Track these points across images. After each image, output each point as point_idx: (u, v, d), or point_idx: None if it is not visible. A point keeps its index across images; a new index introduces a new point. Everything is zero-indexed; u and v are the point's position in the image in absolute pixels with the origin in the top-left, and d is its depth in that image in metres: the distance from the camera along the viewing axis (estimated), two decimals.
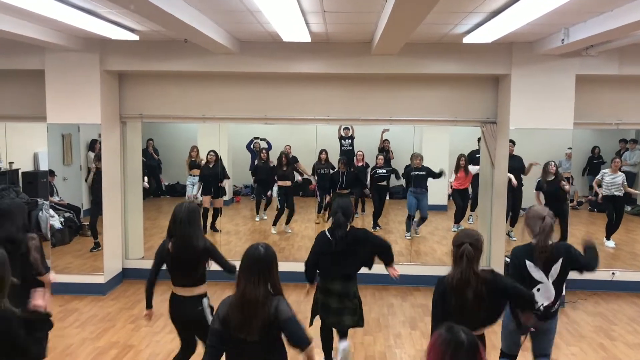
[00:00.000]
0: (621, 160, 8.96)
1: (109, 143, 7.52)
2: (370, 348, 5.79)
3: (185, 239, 4.12)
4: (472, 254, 3.38)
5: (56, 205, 8.07)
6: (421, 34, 6.36)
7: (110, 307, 6.94)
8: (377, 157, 10.07)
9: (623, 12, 4.88)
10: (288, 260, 8.28)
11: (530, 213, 4.17)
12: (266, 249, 3.13)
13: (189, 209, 4.15)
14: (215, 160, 9.31)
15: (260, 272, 3.03)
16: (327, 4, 5.03)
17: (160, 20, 5.01)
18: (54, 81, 7.19)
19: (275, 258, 3.14)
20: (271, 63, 7.22)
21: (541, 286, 4.06)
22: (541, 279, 4.06)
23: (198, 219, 4.24)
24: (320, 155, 9.82)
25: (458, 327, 2.29)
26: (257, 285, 2.99)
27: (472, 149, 9.67)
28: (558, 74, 7.03)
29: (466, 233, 3.54)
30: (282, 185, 9.95)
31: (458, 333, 2.26)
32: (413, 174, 9.30)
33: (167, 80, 7.80)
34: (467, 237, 3.46)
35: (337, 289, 4.77)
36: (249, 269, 3.05)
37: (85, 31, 6.32)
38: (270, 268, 3.08)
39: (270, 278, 3.07)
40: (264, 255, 3.09)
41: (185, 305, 4.21)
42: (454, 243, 3.50)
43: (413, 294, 7.56)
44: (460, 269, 3.39)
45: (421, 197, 9.41)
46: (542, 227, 4.01)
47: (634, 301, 7.31)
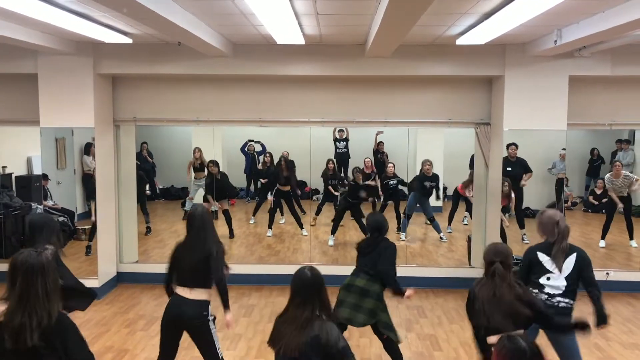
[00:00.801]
0: (621, 164, 8.95)
1: (102, 147, 7.50)
2: (366, 350, 5.78)
3: (198, 241, 4.18)
4: (503, 273, 3.52)
5: (50, 209, 8.03)
6: (414, 36, 6.37)
7: (104, 312, 6.91)
8: (386, 165, 10.00)
9: (615, 13, 4.91)
10: (284, 263, 8.28)
11: (544, 219, 4.24)
12: (311, 270, 3.18)
13: (202, 213, 4.24)
14: (218, 169, 9.37)
15: (308, 294, 3.10)
16: (320, 7, 5.03)
17: (154, 23, 5.00)
18: (47, 85, 7.16)
19: (322, 280, 3.18)
20: (265, 66, 7.22)
21: (552, 276, 4.13)
22: (553, 270, 4.13)
23: (211, 223, 4.29)
24: (328, 164, 9.81)
25: (517, 337, 2.43)
26: (302, 306, 3.06)
27: (473, 154, 9.66)
28: (551, 75, 7.06)
29: (496, 250, 3.67)
30: (281, 189, 9.91)
31: (519, 342, 2.38)
32: (426, 184, 9.26)
33: (160, 83, 7.79)
34: (497, 255, 3.59)
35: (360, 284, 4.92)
36: (298, 293, 3.13)
37: (78, 35, 6.31)
38: (320, 290, 3.14)
39: (320, 299, 3.12)
40: (310, 278, 3.14)
41: (187, 306, 4.14)
42: (485, 259, 3.65)
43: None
44: (492, 287, 3.51)
45: (423, 200, 9.40)
46: (560, 232, 4.12)
47: (628, 301, 7.33)
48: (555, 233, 4.15)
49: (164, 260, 4.16)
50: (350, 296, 4.91)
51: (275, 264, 8.29)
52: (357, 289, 4.90)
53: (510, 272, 3.58)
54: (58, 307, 2.81)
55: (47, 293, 2.73)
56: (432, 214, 9.51)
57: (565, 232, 4.14)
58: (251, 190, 11.95)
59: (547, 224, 4.20)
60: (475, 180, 8.22)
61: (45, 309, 2.70)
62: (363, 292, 4.88)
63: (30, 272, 2.72)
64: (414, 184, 9.58)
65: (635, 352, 5.78)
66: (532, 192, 8.07)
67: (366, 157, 10.41)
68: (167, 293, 4.34)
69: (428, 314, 6.84)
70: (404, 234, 9.41)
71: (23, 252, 2.82)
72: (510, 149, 7.70)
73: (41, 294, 2.71)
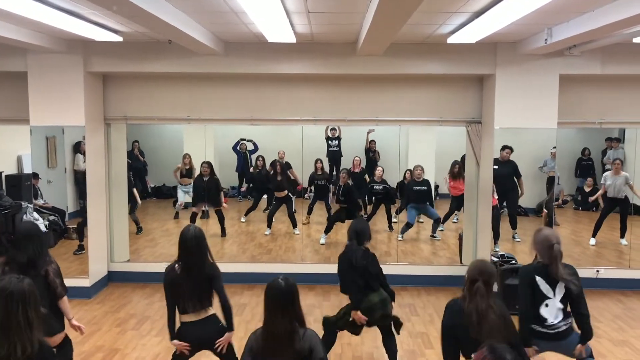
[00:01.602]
0: (621, 162, 8.99)
1: (93, 145, 7.46)
2: (357, 348, 5.79)
3: (195, 264, 4.08)
4: (484, 292, 3.47)
5: (40, 208, 7.99)
6: (406, 35, 6.38)
7: (95, 311, 6.88)
8: (375, 171, 9.95)
9: (605, 12, 4.93)
10: (276, 262, 8.28)
11: (538, 238, 4.21)
12: (286, 281, 3.14)
13: (196, 235, 4.10)
14: (210, 172, 9.23)
15: (283, 306, 3.06)
16: (312, 5, 5.03)
17: (144, 21, 4.98)
18: (37, 83, 7.11)
19: (297, 290, 3.14)
20: (256, 64, 7.21)
21: (549, 302, 4.11)
22: (548, 294, 4.11)
23: (205, 244, 4.17)
24: (316, 164, 9.79)
25: (501, 347, 2.27)
26: (281, 319, 3.03)
27: (464, 154, 9.69)
28: (542, 73, 7.09)
29: (481, 269, 3.59)
30: (278, 196, 9.78)
31: (502, 353, 2.24)
32: (415, 189, 9.25)
33: (151, 81, 7.76)
34: (482, 275, 3.53)
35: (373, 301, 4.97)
36: (272, 303, 3.09)
37: (68, 33, 6.27)
38: (293, 301, 3.10)
39: (294, 311, 3.08)
40: (285, 289, 3.10)
41: (199, 328, 4.11)
42: (469, 276, 3.58)
43: (400, 293, 7.55)
44: (474, 304, 3.46)
45: (423, 208, 9.40)
46: (553, 255, 4.07)
47: (618, 298, 7.37)
48: (548, 256, 4.11)
49: (155, 259, 4.15)
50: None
51: (267, 262, 8.29)
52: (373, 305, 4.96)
53: (492, 292, 3.53)
54: (40, 335, 2.76)
55: (29, 322, 2.69)
56: (437, 215, 9.53)
57: (558, 255, 4.08)
58: (243, 190, 11.94)
59: (540, 243, 4.17)
60: (466, 178, 8.25)
61: (27, 339, 2.66)
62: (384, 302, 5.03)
63: (10, 300, 2.68)
64: (406, 193, 9.54)
65: (625, 349, 5.82)
66: (524, 190, 8.10)
67: (355, 156, 10.41)
68: (169, 327, 4.17)
69: (420, 312, 6.86)
70: (401, 236, 9.41)
71: (4, 279, 2.79)
72: (506, 151, 7.71)
73: (23, 323, 2.67)
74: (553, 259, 4.07)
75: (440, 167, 10.30)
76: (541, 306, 4.11)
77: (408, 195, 9.46)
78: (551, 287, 4.10)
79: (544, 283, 4.11)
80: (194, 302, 4.10)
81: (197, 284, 4.07)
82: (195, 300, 4.09)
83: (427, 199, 9.42)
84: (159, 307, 6.85)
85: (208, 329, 4.12)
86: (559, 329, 4.11)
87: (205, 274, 4.09)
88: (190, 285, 4.06)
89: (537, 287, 4.12)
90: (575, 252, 8.67)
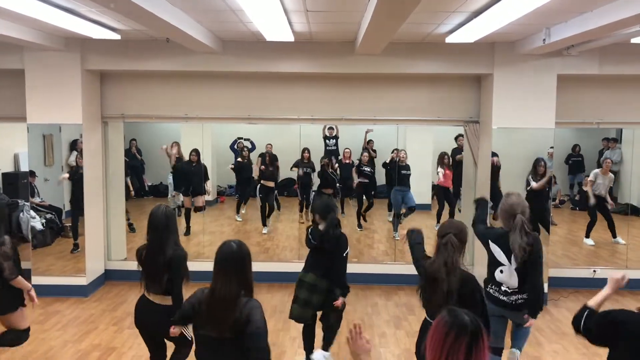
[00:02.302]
0: (612, 161, 9.04)
1: (90, 143, 7.44)
2: None
3: (159, 244, 3.98)
4: (457, 244, 3.42)
5: (37, 206, 7.97)
6: (404, 34, 6.38)
7: (92, 309, 6.87)
8: (362, 154, 10.11)
9: (603, 12, 4.94)
10: (272, 261, 8.27)
11: (504, 206, 4.20)
12: (239, 245, 3.00)
13: (166, 214, 4.01)
14: (197, 159, 9.29)
15: (233, 269, 2.93)
16: (310, 3, 5.02)
17: (142, 19, 4.96)
18: (34, 81, 7.09)
19: (249, 255, 3.02)
20: (254, 62, 7.20)
21: (504, 268, 4.17)
22: (503, 261, 4.16)
23: (175, 225, 4.09)
24: (303, 154, 9.84)
25: (460, 310, 2.16)
26: (229, 283, 2.90)
27: (454, 147, 9.78)
28: (540, 73, 7.09)
29: (451, 224, 3.57)
30: (264, 184, 9.98)
31: (461, 316, 2.12)
32: (401, 172, 9.34)
33: (149, 79, 7.74)
34: (451, 228, 3.50)
35: (309, 282, 4.97)
36: (222, 266, 2.95)
37: (65, 30, 6.25)
38: (243, 265, 2.97)
39: (243, 276, 2.96)
40: (237, 252, 2.96)
41: (154, 313, 4.04)
42: (439, 234, 3.53)
43: (397, 293, 7.58)
44: (443, 257, 3.42)
45: (406, 193, 9.47)
46: (513, 226, 4.07)
47: (615, 298, 7.32)
48: (508, 226, 4.14)
49: None
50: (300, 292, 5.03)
51: (264, 261, 8.27)
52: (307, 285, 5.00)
53: (463, 248, 3.49)
54: None
55: None
56: (414, 203, 9.54)
57: (520, 226, 4.06)
58: None
59: (505, 211, 4.18)
60: (464, 178, 8.26)
61: None
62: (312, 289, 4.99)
63: None
64: (389, 174, 9.71)
65: None
66: (521, 190, 8.10)
67: (346, 148, 10.45)
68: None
69: (417, 311, 6.87)
70: (396, 233, 9.41)
71: None
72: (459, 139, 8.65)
73: None
74: (514, 229, 4.06)
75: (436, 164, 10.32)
76: (496, 271, 4.20)
77: (392, 177, 9.52)
78: (506, 255, 4.15)
79: (497, 249, 4.18)
80: (154, 284, 4.02)
81: (159, 265, 3.96)
82: (155, 282, 4.01)
83: (409, 183, 9.48)
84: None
85: (159, 317, 3.97)
86: (512, 302, 4.17)
87: (168, 257, 3.95)
88: (152, 266, 4.00)
89: (491, 252, 4.22)
90: (571, 252, 8.69)
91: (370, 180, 10.04)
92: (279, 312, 6.68)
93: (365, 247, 9.26)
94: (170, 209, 4.09)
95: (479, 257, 7.60)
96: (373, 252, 9.01)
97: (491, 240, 4.26)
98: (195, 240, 9.30)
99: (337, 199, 10.00)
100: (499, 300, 4.23)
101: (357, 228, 9.95)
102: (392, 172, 9.60)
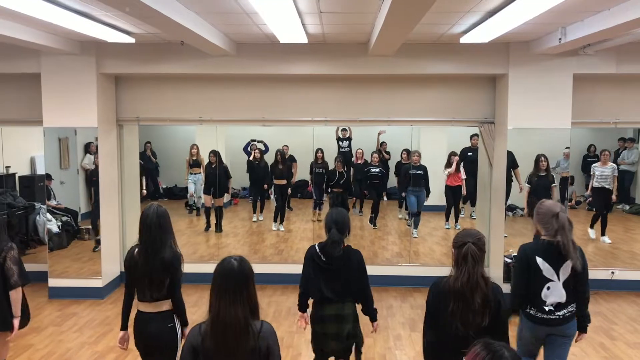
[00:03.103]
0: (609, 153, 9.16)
1: (106, 146, 7.49)
2: (370, 350, 5.76)
3: (154, 246, 3.71)
4: (477, 254, 3.07)
5: (53, 209, 8.03)
6: (418, 35, 6.35)
7: (108, 311, 6.91)
8: (371, 155, 10.17)
9: (620, 10, 4.87)
10: (287, 263, 8.27)
11: (542, 209, 3.83)
12: (240, 262, 2.67)
13: (158, 213, 3.73)
14: (217, 160, 9.40)
15: (236, 288, 2.57)
16: (324, 5, 5.01)
17: (156, 22, 4.99)
18: (50, 84, 7.16)
19: (252, 272, 2.68)
20: (268, 65, 7.20)
21: (551, 284, 3.79)
22: (551, 277, 3.78)
23: (169, 224, 3.80)
24: (316, 154, 9.88)
25: (497, 344, 2.00)
26: (233, 304, 2.53)
27: (464, 146, 9.81)
28: (555, 73, 7.02)
29: (467, 233, 3.18)
30: (277, 183, 10.06)
31: (500, 351, 1.96)
32: (411, 172, 9.33)
33: (163, 82, 7.78)
34: (469, 237, 3.11)
35: (332, 312, 4.12)
36: (222, 286, 2.59)
37: (81, 34, 6.30)
38: (247, 284, 2.62)
39: (248, 297, 2.60)
40: (238, 269, 2.62)
41: (150, 323, 3.77)
42: (455, 244, 3.16)
43: (412, 295, 7.54)
44: (466, 270, 3.04)
45: (419, 194, 9.46)
46: (559, 225, 3.69)
47: (633, 300, 7.29)
48: (553, 228, 3.72)
49: None
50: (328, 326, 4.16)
51: (278, 263, 8.28)
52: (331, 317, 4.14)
53: (484, 256, 3.12)
54: None
55: None
56: (421, 208, 9.58)
57: (566, 225, 3.68)
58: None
59: (544, 214, 3.79)
60: (479, 179, 8.21)
61: None
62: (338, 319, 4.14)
63: None
64: (403, 174, 9.73)
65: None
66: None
67: (358, 148, 10.49)
68: (122, 314, 3.95)
69: None
70: (415, 231, 9.47)
71: None
72: (474, 139, 9.07)
73: None
74: (560, 230, 3.67)
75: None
76: (542, 289, 3.79)
77: (406, 178, 9.52)
78: (554, 268, 3.76)
79: (545, 264, 3.76)
80: (150, 291, 3.74)
81: (154, 270, 3.70)
82: (151, 289, 3.74)
83: (424, 184, 9.47)
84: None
85: (157, 325, 3.76)
86: (560, 317, 3.83)
87: (164, 261, 3.70)
88: (147, 271, 3.71)
89: (538, 269, 3.77)
90: (589, 254, 8.59)
91: (380, 181, 10.10)
92: (292, 314, 6.67)
93: (379, 248, 9.23)
94: (162, 208, 3.80)
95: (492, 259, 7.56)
96: (387, 253, 8.97)
97: (538, 255, 3.78)
98: (211, 242, 9.34)
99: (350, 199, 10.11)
100: (542, 320, 3.84)
101: (370, 225, 10.14)
102: (402, 173, 9.65)
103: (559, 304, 3.82)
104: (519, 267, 3.89)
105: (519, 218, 7.99)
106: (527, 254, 3.84)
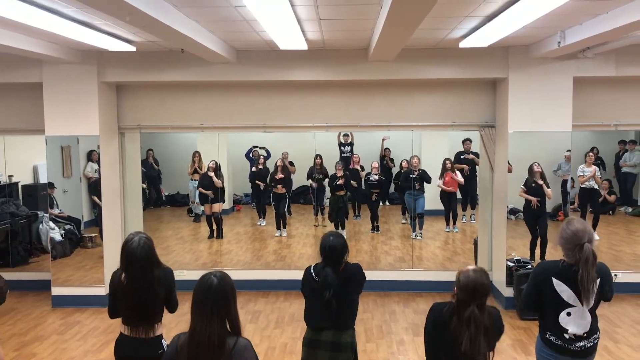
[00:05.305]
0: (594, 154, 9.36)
1: (108, 154, 7.52)
2: (373, 355, 5.76)
3: (139, 279, 3.58)
4: (480, 319, 2.93)
5: (56, 217, 8.06)
6: (417, 40, 6.37)
7: (111, 320, 6.90)
8: (372, 163, 10.23)
9: (618, 13, 4.89)
10: (290, 269, 8.27)
11: (567, 233, 3.40)
12: (220, 278, 2.61)
13: (145, 248, 3.59)
14: (215, 169, 9.44)
15: (213, 306, 2.53)
16: (323, 12, 5.04)
17: (156, 31, 5.02)
18: (52, 93, 7.20)
19: (233, 289, 2.62)
20: (268, 71, 7.23)
21: (572, 310, 3.41)
22: (574, 303, 3.40)
23: (153, 256, 3.65)
24: (315, 160, 9.92)
25: None
26: (210, 322, 2.51)
27: (458, 151, 9.90)
28: (555, 76, 7.03)
29: (474, 289, 2.95)
30: (276, 192, 10.11)
31: None
32: (412, 176, 9.40)
33: (164, 90, 7.81)
34: (474, 298, 2.95)
35: (327, 339, 3.78)
36: (201, 303, 2.56)
37: (82, 43, 6.33)
38: (227, 301, 2.57)
39: (228, 314, 2.57)
40: (217, 286, 2.57)
41: (135, 347, 3.61)
42: (460, 298, 3.00)
43: (415, 299, 7.53)
44: (467, 336, 2.93)
45: (417, 198, 9.51)
46: (583, 258, 3.31)
47: (637, 303, 7.27)
48: (575, 258, 3.35)
49: (171, 266, 3.96)
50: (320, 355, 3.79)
51: (281, 269, 8.28)
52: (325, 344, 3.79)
53: (485, 311, 2.96)
54: None
55: None
56: (422, 210, 9.66)
57: (591, 258, 3.31)
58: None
59: (569, 240, 3.39)
60: (480, 183, 8.23)
61: None
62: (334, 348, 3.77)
63: None
64: (403, 178, 9.83)
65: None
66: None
67: (354, 154, 10.55)
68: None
69: None
70: (414, 234, 9.54)
71: None
72: (466, 143, 9.49)
73: None
74: (582, 264, 3.30)
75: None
76: (561, 314, 3.43)
77: (406, 182, 9.62)
78: (576, 293, 3.37)
79: (563, 286, 3.39)
80: (136, 318, 3.61)
81: (142, 300, 3.56)
82: (137, 315, 3.60)
83: (422, 188, 9.57)
84: (174, 315, 6.87)
85: (145, 352, 3.59)
86: (583, 347, 3.47)
87: (158, 279, 3.60)
88: (134, 300, 3.57)
89: (554, 291, 3.41)
90: None
91: (379, 189, 10.17)
92: (296, 321, 6.67)
93: (382, 253, 9.23)
94: (149, 241, 3.67)
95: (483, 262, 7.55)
96: (390, 258, 8.97)
97: (554, 276, 3.42)
98: (213, 249, 9.35)
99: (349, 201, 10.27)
100: (564, 349, 3.48)
101: (370, 231, 10.21)
102: (403, 177, 9.83)
103: (581, 335, 3.48)
104: (532, 282, 3.59)
105: (520, 221, 7.98)
106: (544, 273, 3.52)
